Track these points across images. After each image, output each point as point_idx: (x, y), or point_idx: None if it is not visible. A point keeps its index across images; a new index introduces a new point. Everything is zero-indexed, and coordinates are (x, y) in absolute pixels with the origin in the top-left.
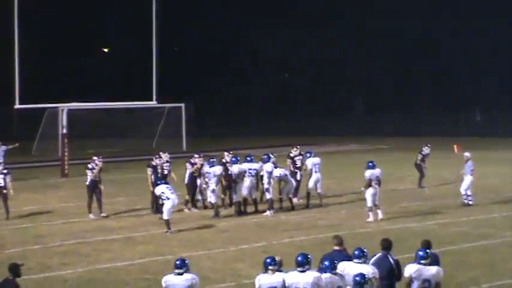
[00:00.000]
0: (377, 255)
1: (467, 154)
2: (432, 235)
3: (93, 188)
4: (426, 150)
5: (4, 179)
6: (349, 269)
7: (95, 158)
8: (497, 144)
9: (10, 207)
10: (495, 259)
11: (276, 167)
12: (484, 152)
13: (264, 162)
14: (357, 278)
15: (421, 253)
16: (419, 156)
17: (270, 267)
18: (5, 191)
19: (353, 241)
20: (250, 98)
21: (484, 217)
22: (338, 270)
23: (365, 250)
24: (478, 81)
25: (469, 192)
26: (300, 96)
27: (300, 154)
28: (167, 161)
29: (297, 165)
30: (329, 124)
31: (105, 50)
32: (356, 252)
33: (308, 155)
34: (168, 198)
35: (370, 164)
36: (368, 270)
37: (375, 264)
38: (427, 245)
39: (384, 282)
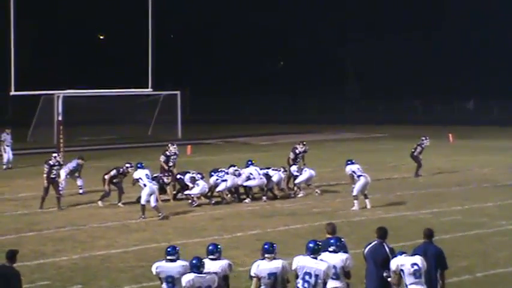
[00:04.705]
0: (372, 243)
1: None
2: (426, 224)
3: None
4: (426, 142)
5: None
6: (327, 258)
7: (127, 165)
8: (491, 133)
9: (4, 194)
10: (489, 248)
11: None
12: (477, 141)
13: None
14: (194, 262)
15: (399, 254)
16: (419, 149)
17: (266, 255)
18: None
19: (348, 229)
20: (246, 85)
21: (478, 206)
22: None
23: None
24: (471, 69)
25: None
26: (294, 83)
27: (305, 151)
28: (175, 153)
29: (298, 161)
30: (324, 112)
31: (101, 37)
32: (332, 241)
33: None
34: (145, 185)
35: (349, 161)
36: (342, 258)
37: (371, 252)
38: (429, 233)
39: (379, 270)
